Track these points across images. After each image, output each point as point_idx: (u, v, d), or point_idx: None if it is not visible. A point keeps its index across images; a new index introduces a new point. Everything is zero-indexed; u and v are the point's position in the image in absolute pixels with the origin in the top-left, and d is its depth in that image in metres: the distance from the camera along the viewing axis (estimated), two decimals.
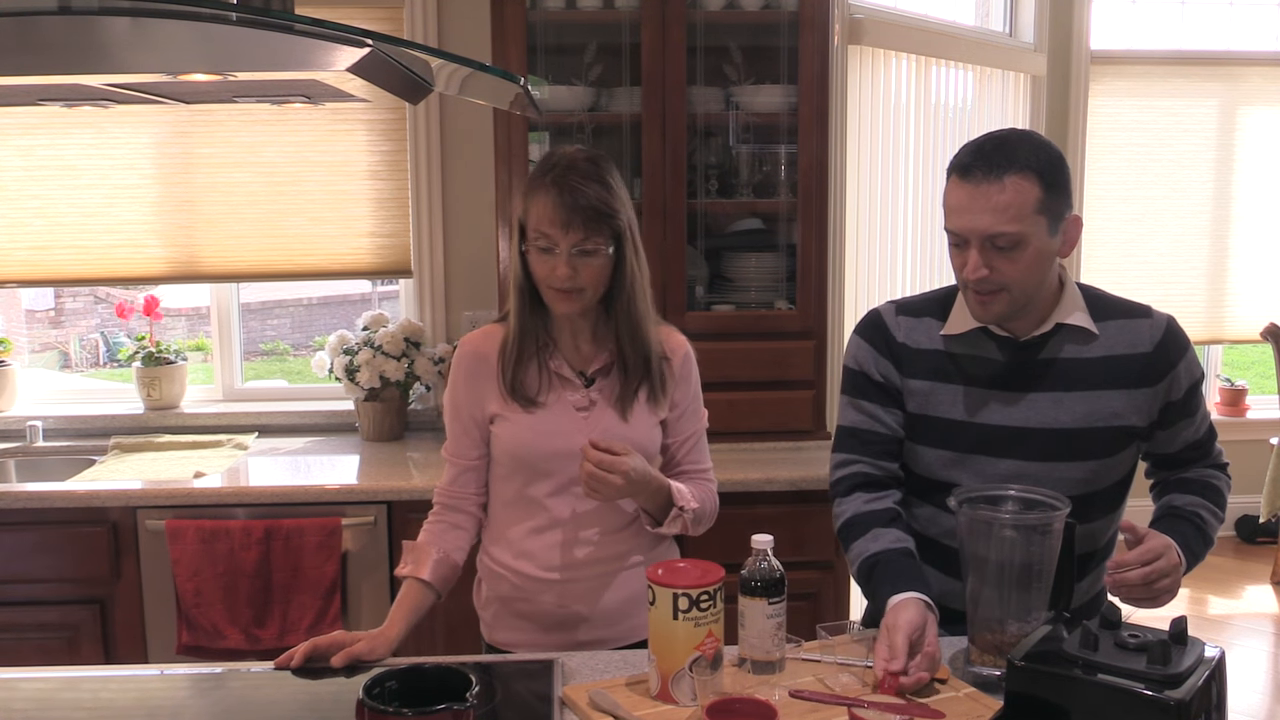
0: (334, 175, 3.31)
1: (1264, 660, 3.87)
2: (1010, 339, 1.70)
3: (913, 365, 1.75)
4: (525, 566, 1.81)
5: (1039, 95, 4.50)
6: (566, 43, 3.04)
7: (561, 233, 1.67)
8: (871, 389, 1.77)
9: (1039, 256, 1.61)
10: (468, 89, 1.79)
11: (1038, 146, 1.60)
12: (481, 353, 1.81)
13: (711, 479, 1.92)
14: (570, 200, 1.66)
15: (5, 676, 1.70)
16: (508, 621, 1.86)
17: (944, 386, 1.72)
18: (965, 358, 1.72)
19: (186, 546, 2.63)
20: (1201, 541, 1.70)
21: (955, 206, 1.61)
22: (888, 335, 1.78)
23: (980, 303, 1.65)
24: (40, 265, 3.32)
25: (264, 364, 7.81)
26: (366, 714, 1.28)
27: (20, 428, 3.23)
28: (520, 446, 1.77)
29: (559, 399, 1.78)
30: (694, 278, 3.04)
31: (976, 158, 1.59)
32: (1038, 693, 1.35)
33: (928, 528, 1.77)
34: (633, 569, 1.83)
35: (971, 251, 1.59)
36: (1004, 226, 1.56)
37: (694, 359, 1.90)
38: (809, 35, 2.91)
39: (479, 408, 1.80)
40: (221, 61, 1.42)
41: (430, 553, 1.79)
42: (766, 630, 1.55)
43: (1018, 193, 1.56)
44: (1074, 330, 1.69)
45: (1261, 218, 4.93)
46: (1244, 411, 5.07)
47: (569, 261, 1.68)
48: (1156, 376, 1.69)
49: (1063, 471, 1.67)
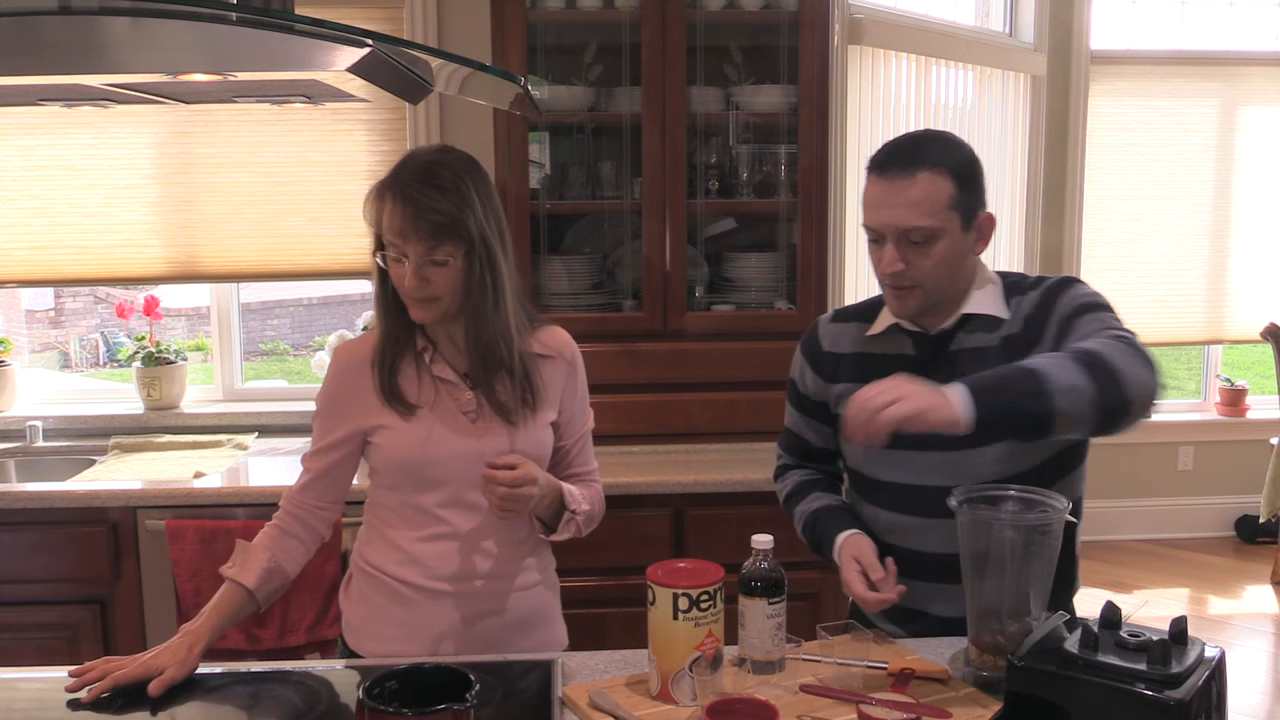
0: (334, 175, 3.31)
1: (1264, 660, 3.87)
2: (922, 334, 1.74)
3: (836, 370, 1.81)
4: (410, 574, 1.72)
5: (1039, 95, 4.50)
6: (566, 43, 3.04)
7: (408, 243, 1.61)
8: (795, 399, 1.89)
9: (952, 252, 1.64)
10: (468, 89, 1.79)
11: (951, 145, 1.65)
12: (355, 361, 1.73)
13: (598, 480, 1.88)
14: (414, 211, 1.59)
15: (5, 676, 1.70)
16: (379, 630, 1.76)
17: (863, 387, 1.74)
18: (884, 357, 1.76)
19: (186, 546, 2.63)
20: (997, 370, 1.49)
21: (871, 202, 1.65)
22: (816, 344, 1.85)
23: (897, 298, 1.69)
24: (40, 265, 3.32)
25: (264, 364, 7.81)
26: (366, 714, 1.28)
27: (20, 428, 3.23)
28: (407, 456, 1.69)
29: (442, 404, 1.71)
30: (694, 278, 3.04)
31: (891, 155, 1.64)
32: (1038, 693, 1.35)
33: (869, 527, 1.79)
34: (527, 590, 1.78)
35: (888, 246, 1.64)
36: (918, 221, 1.60)
37: (581, 359, 1.85)
38: (809, 35, 2.91)
39: (355, 418, 1.72)
40: (221, 61, 1.42)
41: (262, 558, 1.70)
42: (766, 630, 1.55)
43: (931, 188, 1.60)
44: (982, 319, 1.71)
45: (1261, 218, 4.93)
46: (1244, 411, 5.07)
47: (417, 271, 1.62)
48: (1039, 332, 1.67)
49: (985, 455, 1.67)
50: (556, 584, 1.88)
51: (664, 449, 2.98)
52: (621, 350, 2.94)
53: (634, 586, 1.74)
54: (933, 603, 1.74)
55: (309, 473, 1.77)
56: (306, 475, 1.77)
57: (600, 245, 3.13)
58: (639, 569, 1.63)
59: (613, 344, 2.94)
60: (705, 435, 3.00)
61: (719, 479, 2.73)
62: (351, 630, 1.80)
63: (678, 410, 2.99)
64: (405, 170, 1.64)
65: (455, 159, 1.67)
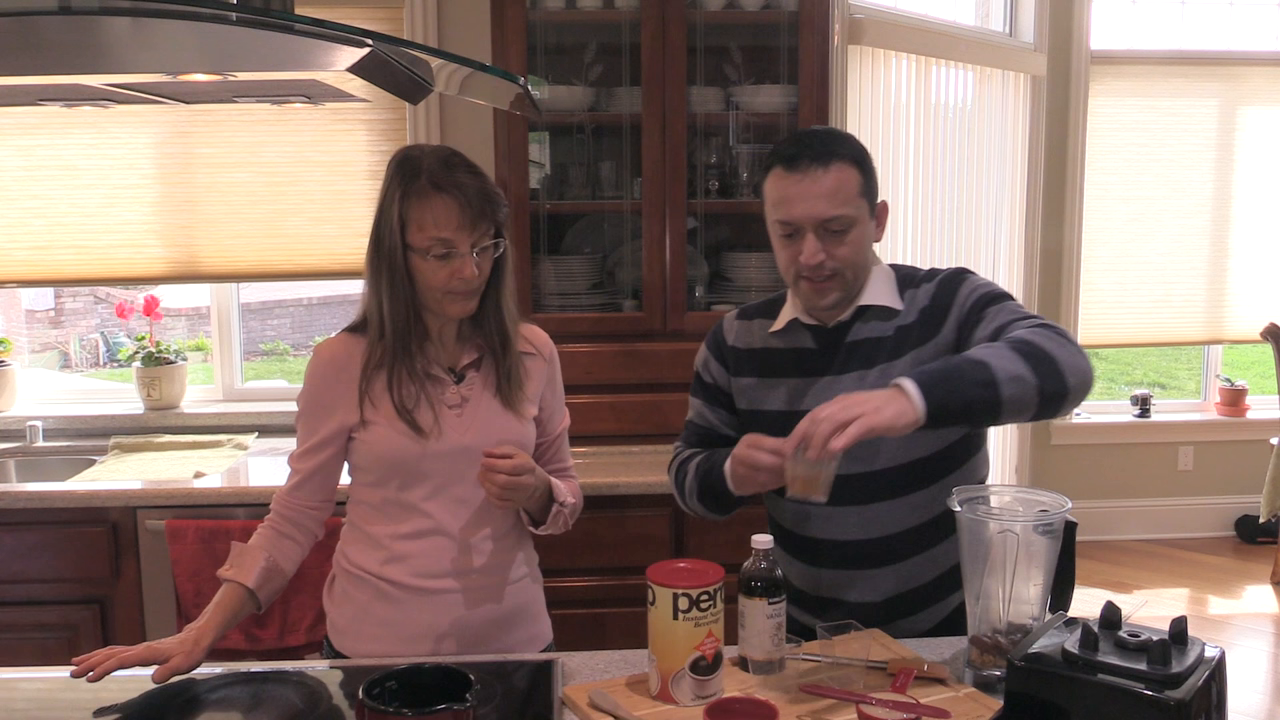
0: (334, 175, 3.31)
1: (1264, 660, 3.87)
2: (820, 327, 1.76)
3: (740, 365, 1.83)
4: (394, 572, 1.72)
5: (1039, 95, 4.50)
6: (566, 43, 3.04)
7: (464, 234, 1.61)
8: (700, 388, 1.90)
9: (864, 238, 1.70)
10: (468, 89, 1.79)
11: (850, 138, 1.72)
12: (337, 359, 1.73)
13: (575, 475, 1.90)
14: (462, 198, 1.60)
15: (5, 676, 1.70)
16: (364, 630, 1.75)
17: (769, 381, 1.79)
18: (786, 351, 1.78)
19: (186, 546, 2.63)
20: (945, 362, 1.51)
21: (786, 197, 1.67)
22: (720, 339, 1.88)
23: (817, 291, 1.70)
24: (40, 265, 3.32)
25: (264, 364, 7.81)
26: (366, 714, 1.28)
27: (20, 428, 3.23)
28: (395, 451, 1.68)
29: (430, 399, 1.71)
30: (694, 278, 3.04)
31: (801, 149, 1.67)
32: (1038, 693, 1.35)
33: (782, 518, 1.82)
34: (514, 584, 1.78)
35: (808, 238, 1.66)
36: (837, 210, 1.65)
37: (558, 357, 1.87)
38: (809, 35, 2.91)
39: (338, 415, 1.71)
40: (221, 61, 1.42)
41: (259, 559, 1.69)
42: (766, 630, 1.55)
43: (843, 178, 1.65)
44: (877, 310, 1.74)
45: (1261, 218, 4.94)
46: (1244, 411, 5.07)
47: (474, 262, 1.63)
48: (937, 323, 1.69)
49: (888, 445, 1.67)
50: (541, 577, 1.88)
51: (664, 449, 2.96)
52: (621, 350, 2.94)
53: (634, 586, 1.74)
54: (848, 590, 1.76)
55: (297, 474, 1.76)
56: (295, 476, 1.76)
57: (600, 245, 3.13)
58: (639, 569, 1.63)
59: (613, 344, 2.94)
60: None
61: None
62: (337, 631, 1.79)
63: (678, 410, 2.96)
64: (431, 166, 1.63)
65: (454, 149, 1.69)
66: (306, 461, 1.75)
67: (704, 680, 1.48)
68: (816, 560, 1.75)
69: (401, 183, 1.64)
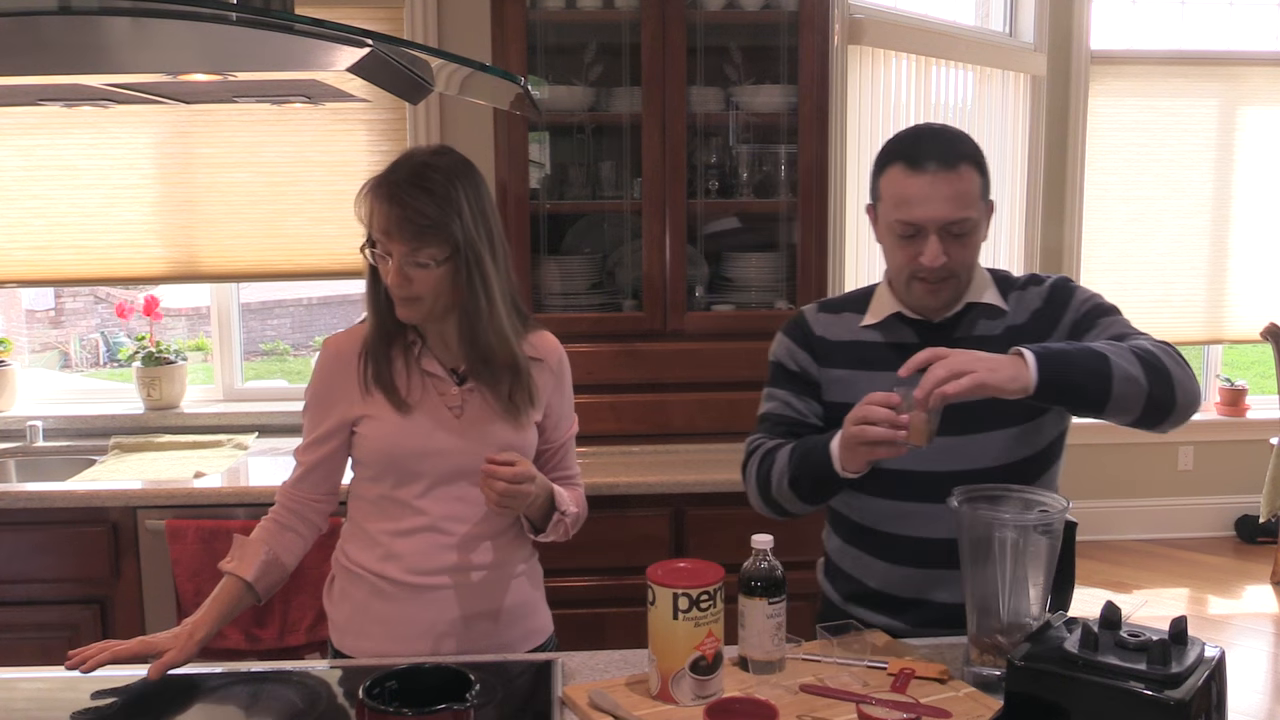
0: (334, 175, 3.31)
1: (1264, 660, 3.87)
2: (925, 322, 1.74)
3: (830, 357, 1.80)
4: (392, 570, 1.73)
5: (1039, 95, 4.50)
6: (566, 43, 3.04)
7: (392, 242, 1.62)
8: (784, 377, 1.84)
9: (979, 241, 1.69)
10: (468, 89, 1.79)
11: (969, 138, 1.70)
12: (343, 353, 1.75)
13: (580, 483, 1.89)
14: (398, 212, 1.60)
15: (5, 676, 1.70)
16: (363, 627, 1.76)
17: (865, 374, 1.75)
18: (884, 345, 1.76)
19: (186, 546, 2.63)
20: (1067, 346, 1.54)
21: (911, 198, 1.64)
22: (807, 329, 1.83)
23: (931, 291, 1.68)
24: (40, 265, 3.32)
25: (264, 364, 7.81)
26: (366, 714, 1.28)
27: (20, 428, 3.23)
28: (391, 446, 1.70)
29: (429, 397, 1.72)
30: (694, 278, 3.04)
31: (926, 149, 1.64)
32: (1038, 693, 1.35)
33: (864, 516, 1.79)
34: (510, 581, 1.78)
35: (930, 240, 1.63)
36: (962, 213, 1.63)
37: (568, 364, 1.86)
38: (809, 35, 2.92)
39: (341, 408, 1.73)
40: (221, 61, 1.42)
41: (259, 552, 1.71)
42: (766, 630, 1.55)
43: (969, 180, 1.64)
44: (984, 308, 1.73)
45: (1261, 218, 4.94)
46: (1244, 411, 5.07)
47: (400, 271, 1.63)
48: (1050, 326, 1.71)
49: (984, 442, 1.68)
50: (540, 573, 1.88)
51: (664, 449, 2.98)
52: (621, 350, 2.94)
53: (634, 586, 1.73)
54: (936, 590, 1.73)
55: (301, 466, 1.78)
56: (299, 469, 1.78)
57: (600, 245, 3.13)
58: (639, 569, 1.63)
59: (613, 344, 2.94)
60: (705, 435, 3.00)
61: (719, 479, 2.73)
62: (337, 630, 1.80)
63: (678, 410, 2.99)
64: (397, 170, 1.64)
65: (449, 162, 1.67)
66: (310, 454, 1.77)
67: (704, 680, 1.48)
68: (901, 559, 1.72)
69: (374, 178, 1.67)
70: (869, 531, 1.78)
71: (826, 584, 1.90)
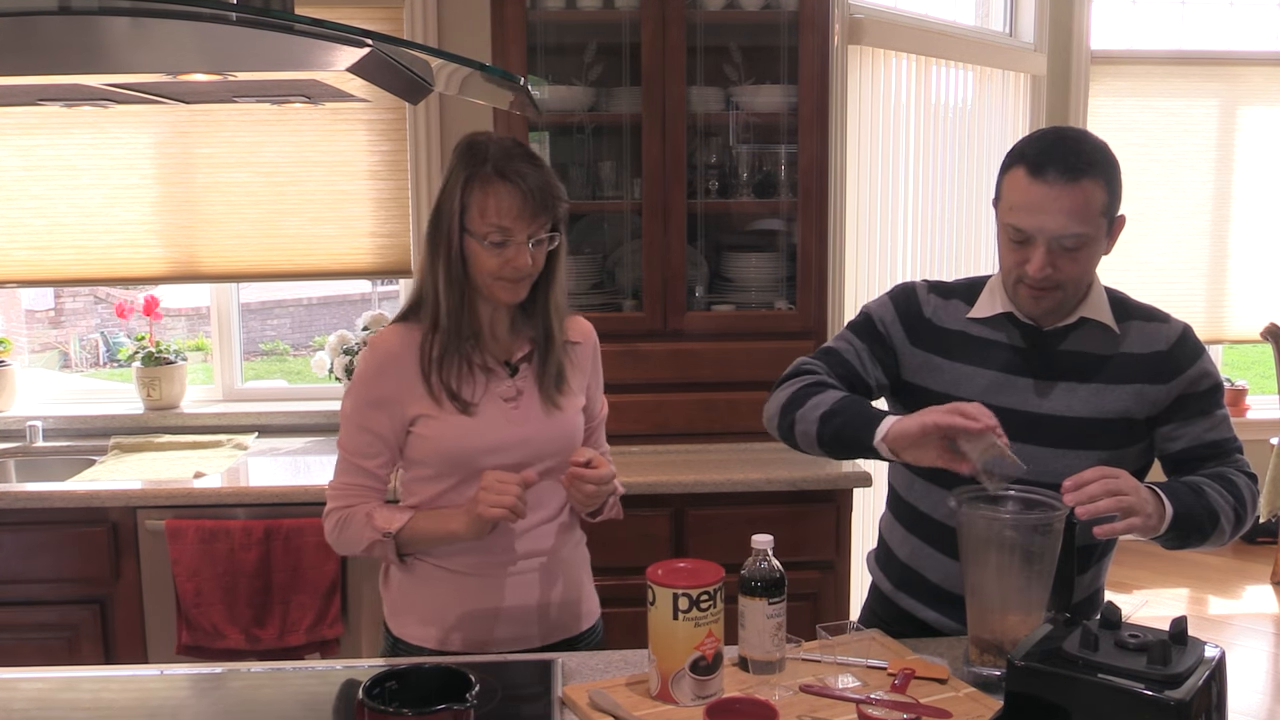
0: (334, 175, 3.31)
1: (1264, 660, 3.87)
2: (1034, 327, 1.72)
3: (932, 340, 1.76)
4: (453, 562, 1.74)
5: (1039, 95, 4.50)
6: (566, 43, 3.04)
7: (522, 223, 1.63)
8: (868, 333, 1.80)
9: (1095, 256, 1.65)
10: (468, 89, 1.78)
11: (1103, 149, 1.64)
12: (395, 352, 1.72)
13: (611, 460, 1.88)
14: (524, 189, 1.62)
15: (5, 676, 1.70)
16: (420, 614, 1.77)
17: (963, 367, 1.73)
18: (987, 341, 1.73)
19: (186, 546, 2.63)
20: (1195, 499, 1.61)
21: (1026, 205, 1.61)
22: (915, 306, 1.79)
23: (1034, 298, 1.66)
24: (40, 265, 3.32)
25: (264, 364, 7.81)
26: (366, 714, 1.28)
27: (20, 428, 3.23)
28: (455, 446, 1.70)
29: (486, 392, 1.72)
30: (694, 278, 3.04)
31: (1052, 157, 1.59)
32: (1038, 693, 1.35)
33: (935, 509, 1.76)
34: (563, 565, 1.81)
35: (1037, 250, 1.60)
36: (1075, 228, 1.59)
37: (599, 346, 1.88)
38: (809, 35, 2.92)
39: (396, 409, 1.71)
40: (221, 61, 1.42)
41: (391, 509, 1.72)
42: (766, 630, 1.55)
43: (1090, 196, 1.59)
44: (1096, 325, 1.71)
45: (1261, 218, 4.93)
46: (1244, 411, 5.07)
47: (529, 252, 1.64)
48: (1169, 374, 1.69)
49: (1071, 460, 1.66)
50: (587, 557, 1.90)
51: (664, 449, 2.98)
52: (621, 350, 2.94)
53: (634, 586, 1.73)
54: None
55: (350, 464, 1.74)
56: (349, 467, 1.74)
57: (600, 245, 3.13)
58: (639, 569, 1.63)
59: (613, 344, 2.92)
60: (705, 435, 3.00)
61: (719, 479, 2.73)
62: (395, 615, 1.80)
63: (678, 410, 2.99)
64: (495, 154, 1.65)
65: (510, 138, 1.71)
66: (358, 451, 1.73)
67: (704, 680, 1.48)
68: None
69: (466, 167, 1.66)
70: (940, 527, 1.75)
71: (877, 570, 1.90)
